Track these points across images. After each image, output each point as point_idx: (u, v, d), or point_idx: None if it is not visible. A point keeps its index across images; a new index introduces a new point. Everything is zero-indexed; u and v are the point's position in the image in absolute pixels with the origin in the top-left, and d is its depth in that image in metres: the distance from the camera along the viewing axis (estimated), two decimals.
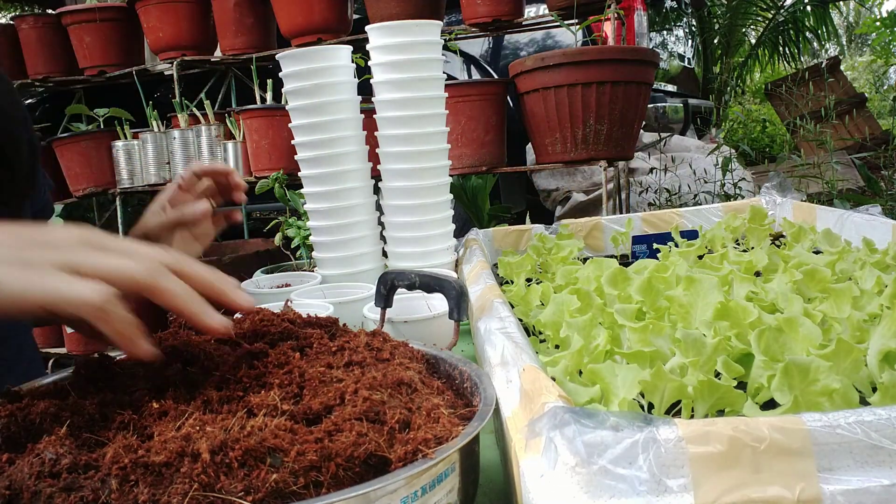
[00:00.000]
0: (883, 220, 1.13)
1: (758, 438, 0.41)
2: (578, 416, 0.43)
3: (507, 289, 1.01)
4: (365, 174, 1.37)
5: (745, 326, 0.70)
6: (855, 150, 4.04)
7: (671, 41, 5.11)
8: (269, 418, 0.51)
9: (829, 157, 3.01)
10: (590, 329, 0.73)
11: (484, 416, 0.54)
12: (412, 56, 1.27)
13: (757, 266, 1.01)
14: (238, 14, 2.86)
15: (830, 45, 10.17)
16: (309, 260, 1.88)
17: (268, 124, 2.50)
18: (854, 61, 12.93)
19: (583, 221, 1.49)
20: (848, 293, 0.75)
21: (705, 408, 0.59)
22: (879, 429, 0.41)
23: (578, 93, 2.14)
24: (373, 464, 0.48)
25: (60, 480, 0.44)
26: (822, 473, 0.41)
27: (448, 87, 1.39)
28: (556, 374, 0.64)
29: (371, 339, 0.69)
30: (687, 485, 0.40)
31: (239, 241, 3.08)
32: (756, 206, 1.39)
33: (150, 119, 2.86)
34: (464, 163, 2.36)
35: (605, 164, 2.25)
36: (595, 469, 0.41)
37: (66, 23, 3.17)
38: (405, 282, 0.89)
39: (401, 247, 1.35)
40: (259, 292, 1.29)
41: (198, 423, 0.50)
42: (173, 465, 0.45)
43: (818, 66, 5.45)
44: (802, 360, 0.55)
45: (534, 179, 3.65)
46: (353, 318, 1.02)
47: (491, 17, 2.46)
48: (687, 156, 3.76)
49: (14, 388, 0.63)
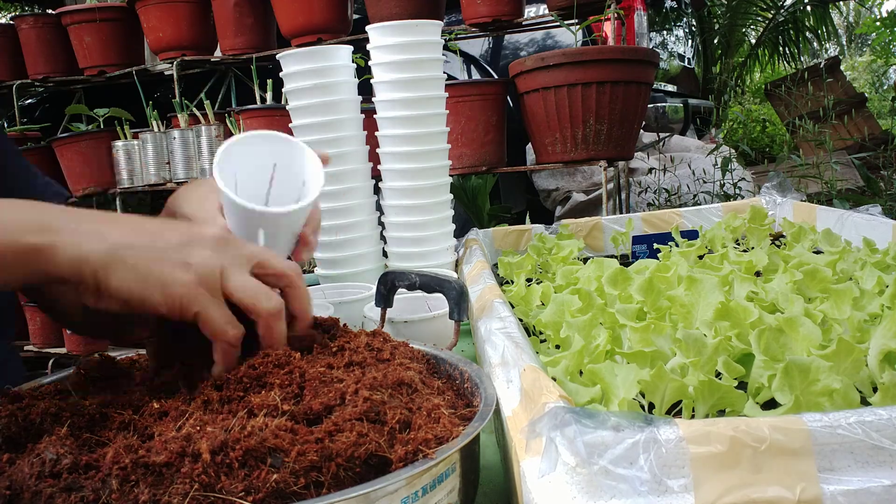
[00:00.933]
0: (883, 220, 1.13)
1: (758, 439, 0.41)
2: (579, 417, 0.43)
3: (508, 289, 1.01)
4: (365, 174, 1.36)
5: (745, 326, 0.70)
6: (854, 150, 4.03)
7: (671, 41, 5.11)
8: (270, 418, 0.51)
9: (829, 157, 3.01)
10: (590, 329, 0.73)
11: (484, 417, 0.54)
12: (412, 56, 1.27)
13: (757, 266, 1.01)
14: (238, 14, 2.86)
15: (830, 45, 10.18)
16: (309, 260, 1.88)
17: (268, 124, 2.50)
18: (854, 61, 12.93)
19: (583, 221, 1.49)
20: (849, 293, 0.75)
21: (706, 408, 0.59)
22: (880, 429, 0.41)
23: (578, 93, 2.13)
24: (373, 464, 0.48)
25: (61, 480, 0.44)
26: (823, 474, 0.41)
27: (448, 87, 1.39)
28: (557, 374, 0.64)
29: (371, 339, 0.69)
30: (688, 485, 0.40)
31: None
32: (756, 206, 1.39)
33: (150, 119, 2.85)
34: (464, 163, 2.35)
35: (605, 164, 2.25)
36: (596, 469, 0.41)
37: (66, 23, 3.17)
38: (405, 282, 0.89)
39: (401, 247, 1.35)
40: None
41: (198, 423, 0.50)
42: (174, 465, 0.45)
43: (818, 66, 5.45)
44: (803, 360, 0.55)
45: (534, 179, 3.65)
46: (354, 318, 1.02)
47: (491, 17, 2.46)
48: (687, 156, 3.76)
49: (13, 388, 0.63)
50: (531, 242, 1.34)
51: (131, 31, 3.17)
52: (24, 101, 4.20)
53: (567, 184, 3.51)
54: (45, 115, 4.04)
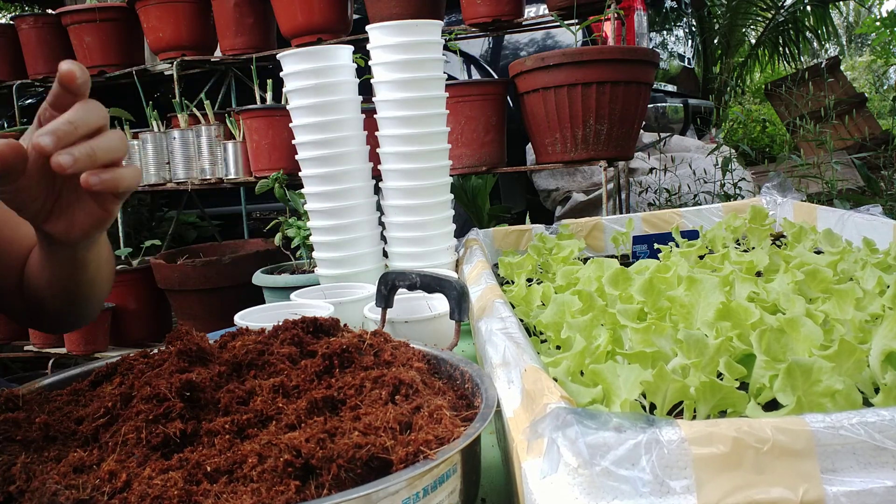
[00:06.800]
0: (884, 221, 1.13)
1: (761, 440, 0.41)
2: (581, 418, 0.42)
3: (508, 289, 1.01)
4: (366, 174, 1.36)
5: (746, 327, 0.70)
6: (855, 150, 4.03)
7: (671, 41, 5.10)
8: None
9: (829, 157, 3.01)
10: (591, 329, 0.72)
11: (486, 417, 0.54)
12: (413, 56, 1.27)
13: (758, 266, 1.01)
14: (238, 14, 2.85)
15: (830, 45, 10.17)
16: (309, 260, 1.88)
17: (268, 124, 2.50)
18: (854, 61, 12.92)
19: (583, 221, 1.49)
20: (851, 294, 0.75)
21: (707, 409, 0.59)
22: (883, 430, 0.41)
23: (578, 93, 2.13)
24: (374, 466, 0.48)
25: None
26: (826, 475, 0.40)
27: (448, 87, 1.38)
28: (558, 374, 0.64)
29: (372, 339, 0.69)
30: (690, 486, 0.40)
31: (239, 242, 3.08)
32: (757, 206, 1.39)
33: (149, 119, 2.85)
34: (464, 163, 2.35)
35: (605, 164, 2.25)
36: (598, 470, 0.41)
37: (66, 23, 3.16)
38: (406, 282, 0.89)
39: (401, 247, 1.35)
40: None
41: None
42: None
43: (818, 66, 5.45)
44: (805, 360, 0.55)
45: (534, 179, 3.64)
46: (354, 318, 1.02)
47: (491, 17, 2.46)
48: (687, 156, 3.76)
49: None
50: (531, 242, 1.34)
51: (131, 31, 3.17)
52: (24, 101, 4.19)
53: (567, 184, 3.51)
54: None
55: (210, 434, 0.54)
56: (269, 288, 1.75)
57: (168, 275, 2.66)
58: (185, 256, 2.77)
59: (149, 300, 2.88)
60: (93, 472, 0.50)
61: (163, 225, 3.84)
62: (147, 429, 0.54)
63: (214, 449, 0.51)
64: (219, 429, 0.54)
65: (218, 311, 2.62)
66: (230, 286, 2.59)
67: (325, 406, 0.58)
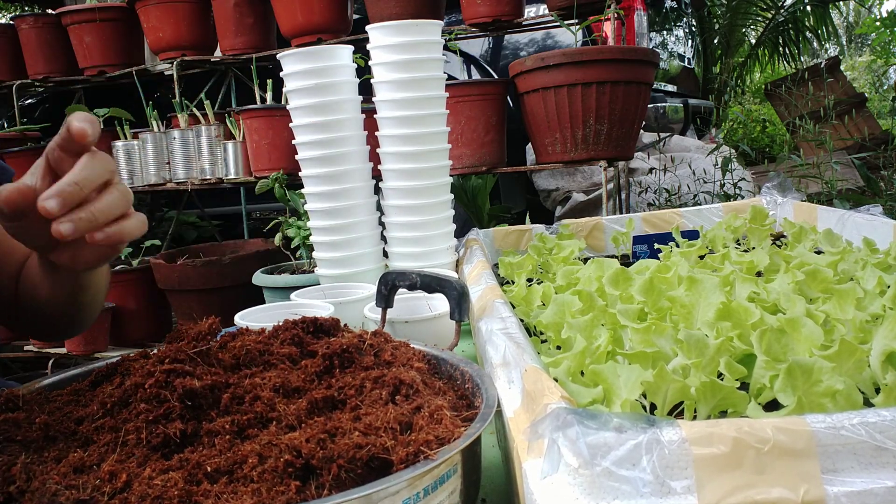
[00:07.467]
0: (884, 221, 1.13)
1: (761, 440, 0.40)
2: (581, 418, 0.42)
3: (508, 289, 1.01)
4: (366, 174, 1.36)
5: (747, 327, 0.70)
6: (855, 150, 4.03)
7: (671, 41, 5.10)
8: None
9: (829, 157, 3.01)
10: (591, 330, 0.72)
11: (486, 418, 0.54)
12: (413, 56, 1.27)
13: (758, 266, 1.01)
14: (238, 14, 2.85)
15: (830, 45, 10.17)
16: (309, 260, 1.88)
17: (268, 124, 2.50)
18: (854, 61, 12.91)
19: (583, 221, 1.49)
20: (852, 294, 0.75)
21: (708, 409, 0.59)
22: (883, 430, 0.41)
23: (578, 93, 2.13)
24: (375, 466, 0.48)
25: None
26: (826, 475, 0.40)
27: (448, 87, 1.38)
28: (559, 374, 0.64)
29: (372, 340, 0.69)
30: (691, 486, 0.40)
31: (239, 242, 3.08)
32: (757, 206, 1.39)
33: (150, 119, 2.85)
34: (464, 163, 2.35)
35: (605, 164, 2.25)
36: (598, 471, 0.41)
37: (66, 23, 3.16)
38: (406, 282, 0.89)
39: (401, 247, 1.35)
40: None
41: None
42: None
43: (818, 66, 5.45)
44: (806, 360, 0.55)
45: (534, 179, 3.64)
46: (354, 318, 1.02)
47: (491, 17, 2.46)
48: (687, 156, 3.76)
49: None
50: (532, 242, 1.34)
51: (131, 31, 3.17)
52: (24, 101, 4.19)
53: (567, 184, 3.51)
54: (45, 115, 4.04)
55: (210, 434, 0.54)
56: (269, 288, 1.75)
57: (168, 275, 2.66)
58: (185, 256, 2.77)
59: (149, 300, 2.88)
60: (93, 472, 0.50)
61: (163, 225, 3.84)
62: (147, 429, 0.54)
63: (215, 449, 0.51)
64: (219, 429, 0.54)
65: (218, 311, 2.60)
66: (230, 286, 2.59)
67: (326, 406, 0.58)
